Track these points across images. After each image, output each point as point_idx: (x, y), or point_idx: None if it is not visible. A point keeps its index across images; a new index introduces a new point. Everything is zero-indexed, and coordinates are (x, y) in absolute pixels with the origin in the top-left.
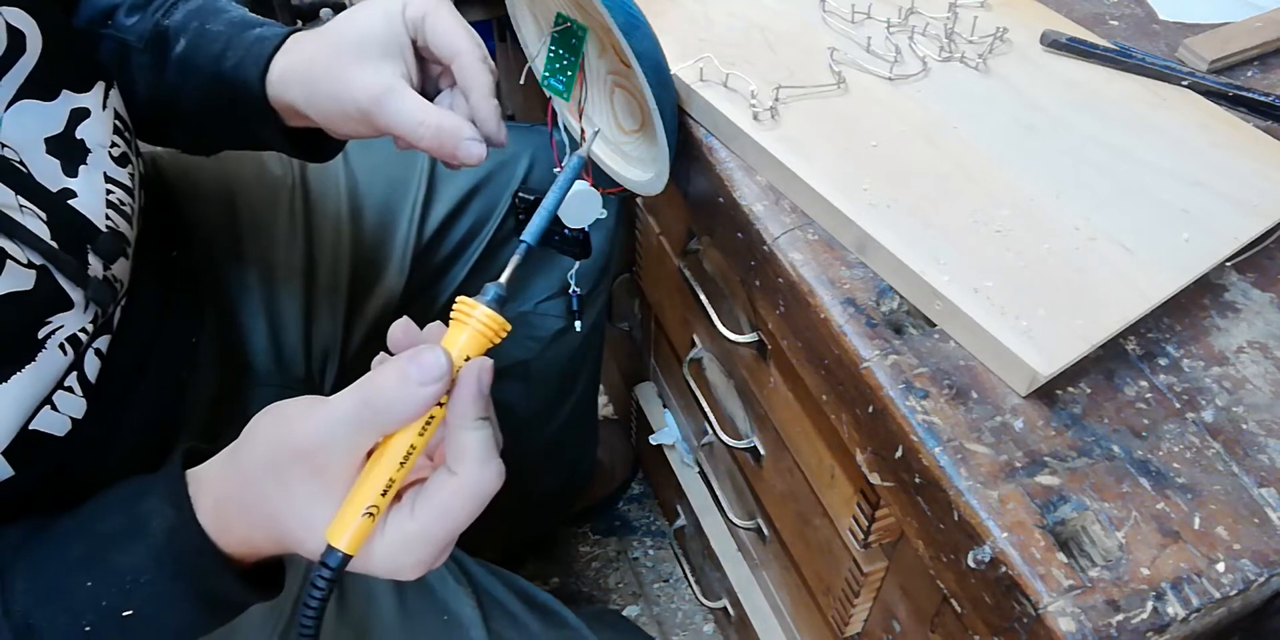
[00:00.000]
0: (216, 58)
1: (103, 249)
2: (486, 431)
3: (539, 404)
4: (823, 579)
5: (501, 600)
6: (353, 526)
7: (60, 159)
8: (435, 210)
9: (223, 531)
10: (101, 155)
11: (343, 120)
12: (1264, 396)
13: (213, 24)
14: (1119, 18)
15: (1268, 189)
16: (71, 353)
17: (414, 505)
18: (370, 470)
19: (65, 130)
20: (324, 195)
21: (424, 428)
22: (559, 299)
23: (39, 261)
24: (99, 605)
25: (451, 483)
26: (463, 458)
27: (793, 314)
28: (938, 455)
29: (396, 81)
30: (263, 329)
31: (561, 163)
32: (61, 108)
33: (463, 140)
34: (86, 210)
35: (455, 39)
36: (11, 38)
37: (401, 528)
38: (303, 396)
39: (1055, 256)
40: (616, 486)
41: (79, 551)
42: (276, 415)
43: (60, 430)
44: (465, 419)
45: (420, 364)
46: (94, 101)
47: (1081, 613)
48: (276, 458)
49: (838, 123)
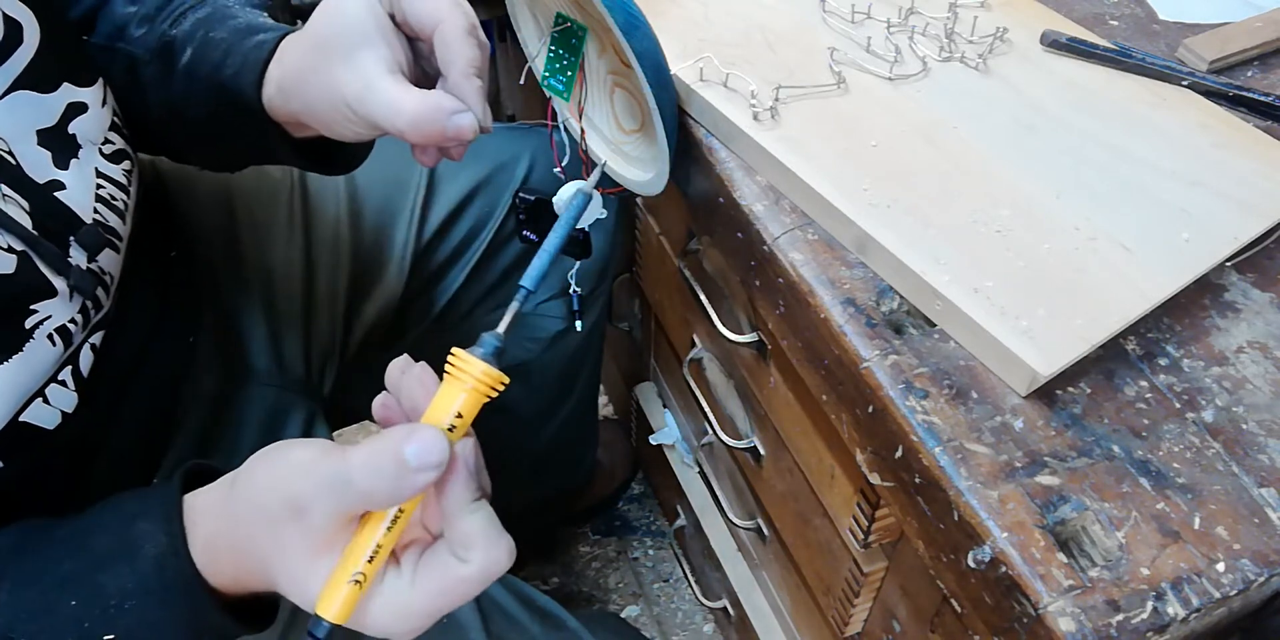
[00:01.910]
0: (217, 66)
1: (86, 240)
2: (485, 511)
3: (539, 405)
4: (823, 579)
5: (501, 602)
6: (340, 596)
7: (51, 151)
8: (435, 211)
9: (211, 565)
10: (93, 151)
11: (343, 124)
12: (1264, 396)
13: (217, 31)
14: (1119, 18)
15: (1268, 189)
16: (61, 344)
17: (415, 576)
18: (359, 535)
19: (58, 124)
20: (323, 196)
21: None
22: (559, 300)
23: (19, 247)
24: (81, 627)
25: (462, 570)
26: (472, 545)
27: (793, 314)
28: (938, 455)
29: (375, 72)
30: (261, 329)
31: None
32: (59, 101)
33: (448, 116)
34: (72, 202)
35: (434, 7)
36: (8, 28)
37: (401, 596)
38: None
39: (1055, 256)
40: (616, 486)
41: (67, 568)
42: (279, 464)
43: (50, 423)
44: (461, 504)
45: (419, 449)
46: (94, 97)
47: (1081, 613)
48: (271, 511)
49: (838, 123)
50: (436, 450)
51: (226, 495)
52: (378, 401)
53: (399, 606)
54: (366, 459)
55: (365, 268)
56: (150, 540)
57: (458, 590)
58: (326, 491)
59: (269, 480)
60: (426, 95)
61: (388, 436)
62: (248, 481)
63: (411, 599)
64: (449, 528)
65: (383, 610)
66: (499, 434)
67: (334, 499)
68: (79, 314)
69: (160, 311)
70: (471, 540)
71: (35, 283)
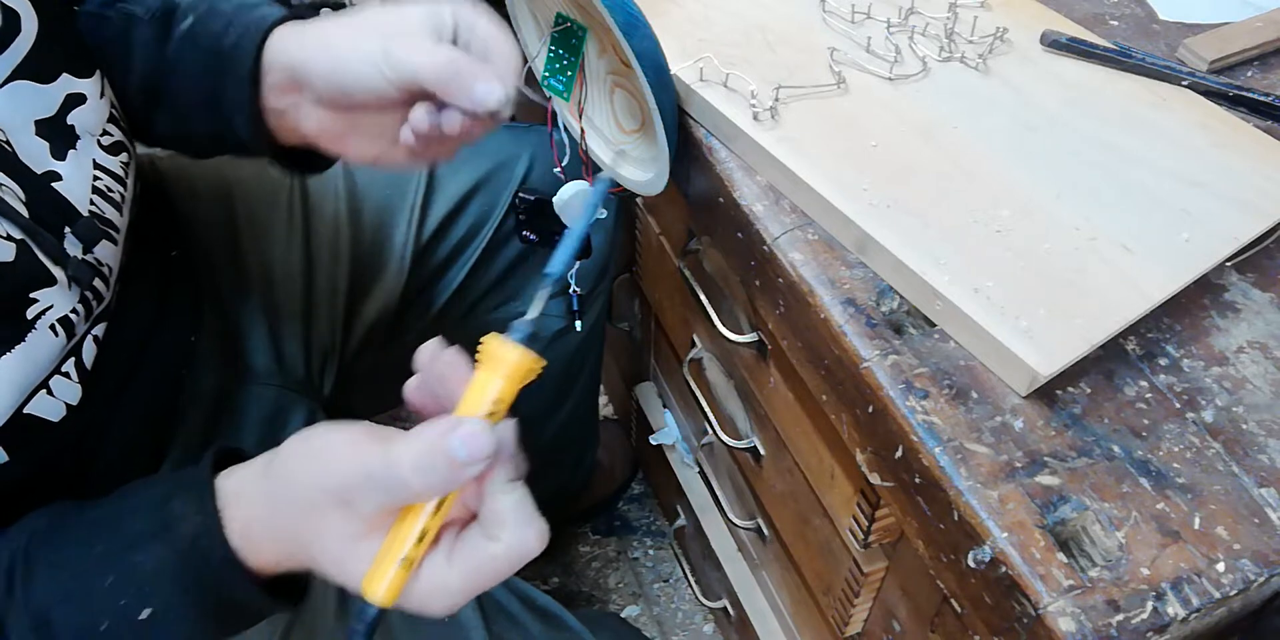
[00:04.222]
0: (219, 35)
1: (82, 231)
2: (521, 492)
3: (539, 404)
4: (823, 579)
5: (502, 602)
6: (388, 578)
7: (49, 142)
8: (434, 210)
9: (248, 546)
10: (91, 142)
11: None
12: (1264, 396)
13: (222, 3)
14: (1119, 18)
15: (1268, 189)
16: (64, 335)
17: (450, 556)
18: (404, 518)
19: (57, 114)
20: (322, 195)
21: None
22: (559, 299)
23: (18, 235)
24: (117, 604)
25: (491, 548)
26: (502, 524)
27: (793, 314)
28: (938, 455)
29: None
30: (261, 328)
31: (561, 163)
32: (58, 91)
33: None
34: (69, 194)
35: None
36: (6, 17)
37: (437, 576)
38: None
39: (1055, 256)
40: (616, 486)
41: (101, 550)
42: (320, 446)
43: (55, 416)
44: (498, 484)
45: (467, 443)
46: (93, 88)
47: (1081, 613)
48: (313, 496)
49: (838, 123)
50: (484, 443)
51: (263, 478)
52: (410, 385)
53: (437, 585)
54: (417, 459)
55: (365, 267)
56: (185, 520)
57: (489, 568)
58: (375, 486)
59: (310, 467)
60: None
61: (433, 431)
62: (286, 468)
63: (448, 578)
64: (484, 507)
65: (422, 589)
66: None
67: (384, 494)
68: (80, 304)
69: (161, 306)
70: (503, 519)
71: (35, 271)
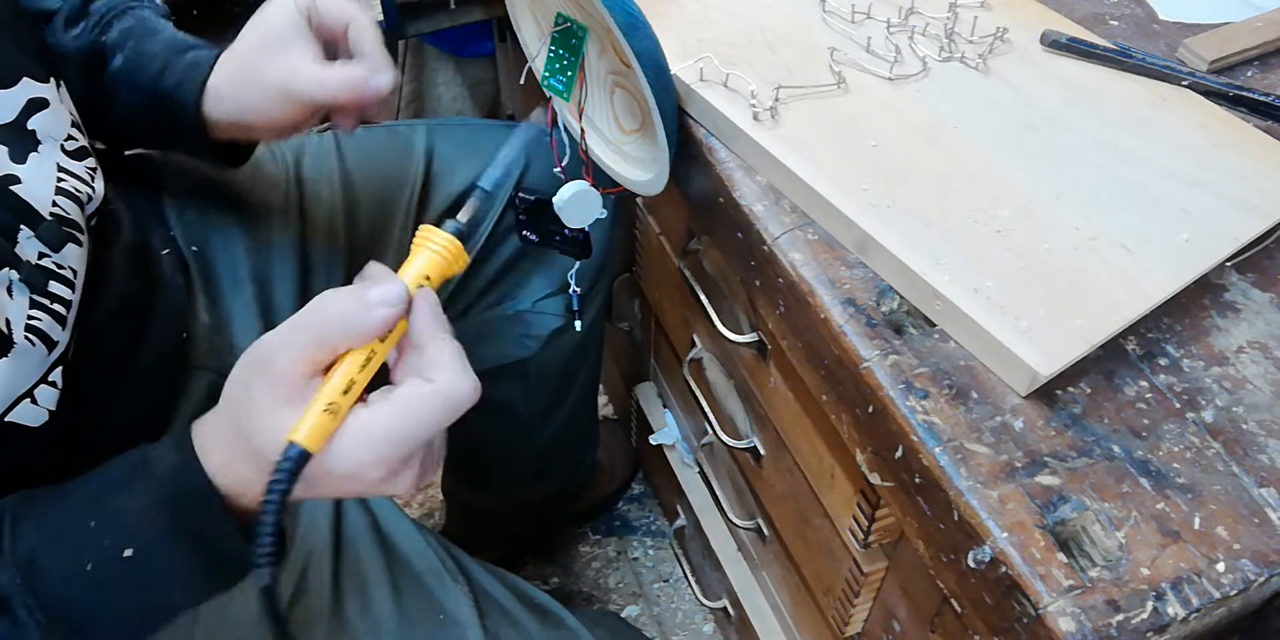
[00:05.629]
0: (155, 77)
1: (46, 235)
2: (456, 346)
3: (538, 404)
4: (823, 579)
5: (499, 600)
6: (309, 421)
7: (7, 146)
8: (431, 208)
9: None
10: (54, 147)
11: (279, 109)
12: (1264, 396)
13: (149, 45)
14: (1119, 18)
15: (1268, 189)
16: (42, 345)
17: (380, 402)
18: (331, 376)
19: (17, 119)
20: (318, 193)
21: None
22: (557, 297)
23: None
24: (101, 544)
25: (424, 387)
26: (439, 365)
27: (793, 314)
28: (938, 455)
29: (301, 62)
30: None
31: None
32: (19, 96)
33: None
34: (30, 196)
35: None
36: None
37: (359, 420)
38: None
39: (1055, 256)
40: (616, 486)
41: (84, 494)
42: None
43: (36, 422)
44: (430, 333)
45: (380, 287)
46: (53, 93)
47: (1081, 613)
48: (245, 373)
49: (838, 123)
50: (398, 289)
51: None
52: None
53: (363, 431)
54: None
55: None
56: (163, 460)
57: (420, 407)
58: (290, 337)
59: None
60: (345, 65)
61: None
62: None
63: (373, 420)
64: (418, 354)
65: (345, 439)
66: (499, 433)
67: (298, 343)
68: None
69: (151, 309)
70: (439, 362)
71: None
